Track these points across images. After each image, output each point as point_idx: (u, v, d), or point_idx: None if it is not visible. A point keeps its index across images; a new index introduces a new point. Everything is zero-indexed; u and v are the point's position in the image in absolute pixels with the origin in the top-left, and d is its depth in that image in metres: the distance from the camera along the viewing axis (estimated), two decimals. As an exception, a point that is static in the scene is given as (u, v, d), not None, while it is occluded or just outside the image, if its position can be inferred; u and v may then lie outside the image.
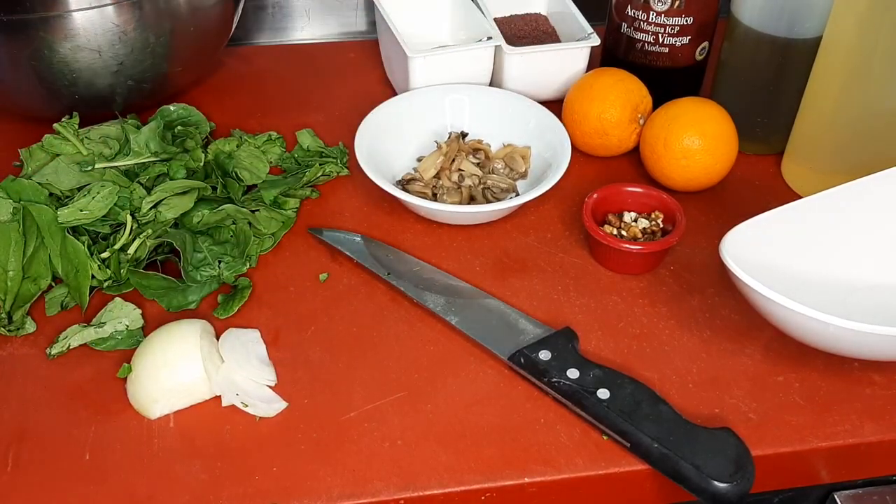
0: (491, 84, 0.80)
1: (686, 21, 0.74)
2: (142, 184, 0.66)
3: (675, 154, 0.70)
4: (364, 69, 0.88)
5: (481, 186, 0.71)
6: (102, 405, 0.56)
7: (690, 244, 0.68)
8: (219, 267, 0.64)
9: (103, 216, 0.64)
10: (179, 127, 0.73)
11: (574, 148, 0.72)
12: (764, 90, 0.74)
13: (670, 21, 0.75)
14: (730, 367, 0.59)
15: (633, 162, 0.77)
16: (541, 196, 0.66)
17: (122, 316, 0.60)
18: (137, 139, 0.68)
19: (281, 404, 0.56)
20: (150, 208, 0.65)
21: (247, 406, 0.55)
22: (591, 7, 0.83)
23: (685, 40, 0.76)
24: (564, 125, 0.73)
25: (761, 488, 0.56)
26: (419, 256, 0.67)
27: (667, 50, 0.76)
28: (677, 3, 0.73)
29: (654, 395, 0.54)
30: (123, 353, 0.58)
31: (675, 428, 0.52)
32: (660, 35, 0.76)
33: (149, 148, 0.68)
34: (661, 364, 0.59)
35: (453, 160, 0.72)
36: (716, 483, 0.49)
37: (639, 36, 0.77)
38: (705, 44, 0.77)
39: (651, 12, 0.75)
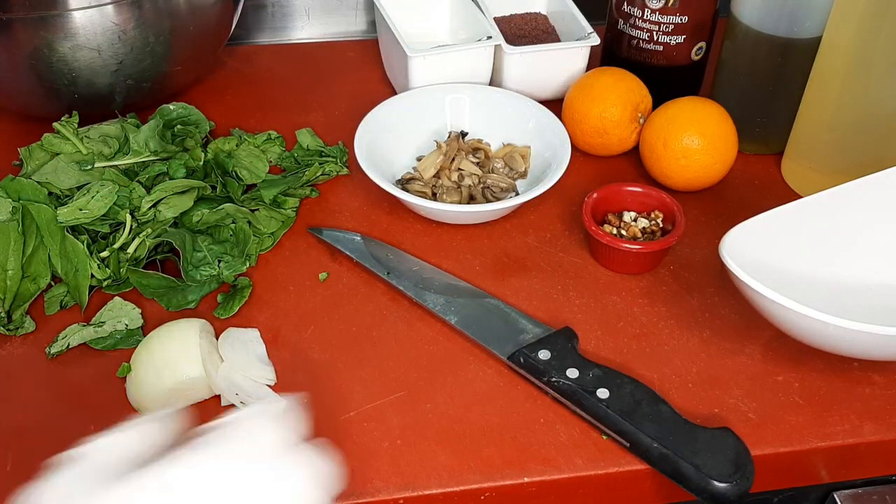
0: (491, 83, 0.80)
1: (681, 20, 0.74)
2: (141, 183, 0.66)
3: (674, 154, 0.70)
4: (364, 69, 0.88)
5: (481, 186, 0.71)
6: (102, 404, 0.56)
7: (690, 244, 0.68)
8: (218, 266, 0.64)
9: (103, 215, 0.63)
10: (179, 126, 0.73)
11: (574, 147, 0.72)
12: (764, 90, 0.74)
13: (665, 19, 0.75)
14: (729, 367, 0.59)
15: (633, 161, 0.77)
16: (540, 195, 0.66)
17: (121, 315, 0.60)
18: (137, 138, 0.68)
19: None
20: (150, 207, 0.65)
21: (246, 406, 0.55)
22: (591, 6, 0.83)
23: (680, 39, 0.76)
24: (564, 124, 0.73)
25: (761, 488, 0.56)
26: (419, 256, 0.67)
27: (661, 48, 0.76)
28: (671, 1, 0.73)
29: (654, 395, 0.54)
30: (123, 353, 0.58)
31: (675, 428, 0.52)
32: (654, 33, 0.76)
33: (148, 147, 0.68)
34: (661, 364, 0.59)
35: (453, 159, 0.72)
36: (715, 483, 0.49)
37: (634, 33, 0.77)
38: (702, 44, 0.77)
39: (646, 9, 0.75)
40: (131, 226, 0.64)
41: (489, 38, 0.78)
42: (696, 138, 0.69)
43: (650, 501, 0.55)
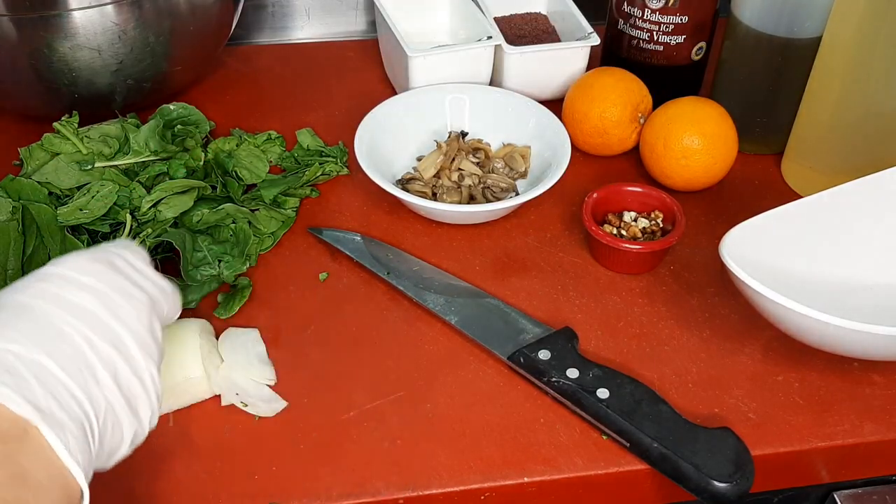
0: (491, 83, 0.80)
1: (681, 20, 0.75)
2: (141, 183, 0.66)
3: (674, 154, 0.70)
4: (364, 69, 0.88)
5: (481, 186, 0.71)
6: (102, 404, 0.56)
7: (690, 244, 0.68)
8: (218, 266, 0.64)
9: (103, 215, 0.63)
10: (179, 126, 0.73)
11: (574, 147, 0.72)
12: (764, 90, 0.74)
13: (665, 19, 0.75)
14: (730, 367, 0.59)
15: (633, 161, 0.77)
16: (541, 195, 0.66)
17: (121, 315, 0.60)
18: (137, 138, 0.68)
19: (280, 404, 0.56)
20: (150, 207, 0.64)
21: (246, 405, 0.55)
22: (591, 6, 0.83)
23: (680, 39, 0.76)
24: (564, 124, 0.73)
25: (761, 488, 0.56)
26: (419, 256, 0.67)
27: (661, 48, 0.76)
28: (672, 1, 0.73)
29: (654, 395, 0.54)
30: (123, 353, 0.58)
31: (675, 427, 0.52)
32: (654, 33, 0.76)
33: (148, 147, 0.68)
34: (661, 364, 0.59)
35: (453, 159, 0.72)
36: (715, 483, 0.49)
37: (634, 33, 0.77)
38: (702, 44, 0.77)
39: (646, 9, 0.75)
40: (131, 226, 0.64)
41: (489, 38, 0.78)
42: (696, 138, 0.69)
43: (650, 501, 0.55)
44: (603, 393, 0.54)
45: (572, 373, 0.55)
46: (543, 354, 0.56)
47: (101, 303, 0.42)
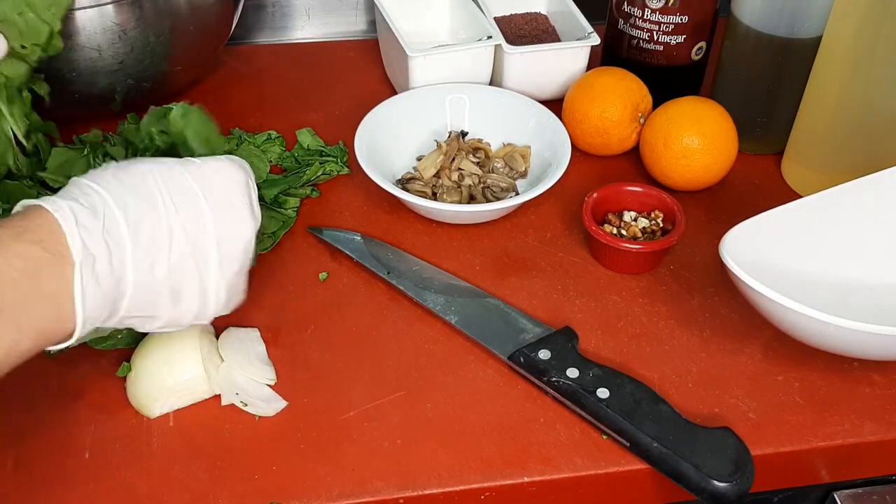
0: (491, 83, 0.80)
1: (681, 20, 0.75)
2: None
3: (674, 153, 0.70)
4: (364, 69, 0.88)
5: (481, 186, 0.71)
6: (102, 404, 0.56)
7: (690, 244, 0.68)
8: (218, 266, 0.63)
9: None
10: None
11: (574, 147, 0.72)
12: (764, 90, 0.74)
13: (665, 19, 0.75)
14: (729, 367, 0.59)
15: (634, 161, 0.77)
16: (541, 195, 0.66)
17: (121, 315, 0.60)
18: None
19: (280, 403, 0.56)
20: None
21: (246, 405, 0.55)
22: (591, 6, 0.83)
23: (680, 39, 0.76)
24: (564, 124, 0.73)
25: (761, 488, 0.56)
26: (419, 256, 0.67)
27: (661, 48, 0.77)
28: (672, 1, 0.73)
29: (654, 395, 0.54)
30: (123, 352, 0.58)
31: (675, 427, 0.52)
32: (654, 33, 0.76)
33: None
34: (661, 363, 0.59)
35: (453, 159, 0.72)
36: (715, 482, 0.49)
37: (634, 33, 0.77)
38: (702, 44, 0.77)
39: (646, 9, 0.75)
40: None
41: (489, 37, 0.78)
42: (696, 138, 0.69)
43: (650, 501, 0.55)
44: (603, 393, 0.54)
45: (572, 372, 0.55)
46: (543, 354, 0.56)
47: (194, 179, 0.48)
